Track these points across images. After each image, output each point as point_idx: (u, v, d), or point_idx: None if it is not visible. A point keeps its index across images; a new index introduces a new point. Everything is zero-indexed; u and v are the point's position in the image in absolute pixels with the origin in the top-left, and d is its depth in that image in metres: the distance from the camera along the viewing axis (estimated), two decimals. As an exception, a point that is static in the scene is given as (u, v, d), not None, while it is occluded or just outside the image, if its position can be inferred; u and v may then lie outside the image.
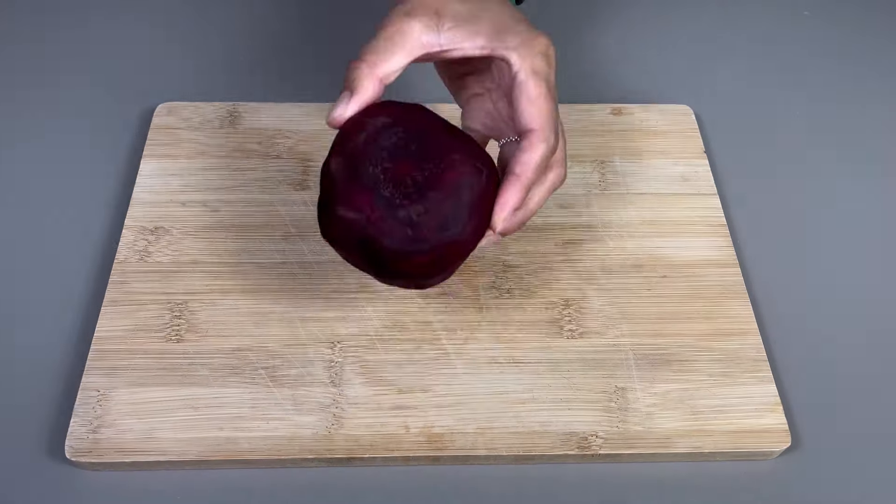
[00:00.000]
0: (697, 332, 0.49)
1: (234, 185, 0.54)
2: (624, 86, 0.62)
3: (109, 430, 0.44)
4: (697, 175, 0.56)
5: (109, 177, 0.55)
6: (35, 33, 0.64)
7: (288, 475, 0.44)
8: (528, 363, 0.47)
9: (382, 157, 0.39)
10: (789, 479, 0.45)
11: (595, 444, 0.44)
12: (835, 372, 0.49)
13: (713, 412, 0.46)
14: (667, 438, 0.45)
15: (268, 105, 0.58)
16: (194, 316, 0.48)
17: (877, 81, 0.65)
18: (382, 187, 0.38)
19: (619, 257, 0.52)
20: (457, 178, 0.39)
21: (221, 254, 0.51)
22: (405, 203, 0.38)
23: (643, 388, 0.46)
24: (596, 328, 0.49)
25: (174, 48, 0.64)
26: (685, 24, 0.68)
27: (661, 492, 0.44)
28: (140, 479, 0.44)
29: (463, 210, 0.39)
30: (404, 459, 0.44)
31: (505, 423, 0.45)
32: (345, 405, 0.45)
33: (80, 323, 0.49)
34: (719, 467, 0.45)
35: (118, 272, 0.50)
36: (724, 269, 0.52)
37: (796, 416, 0.47)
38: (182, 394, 0.45)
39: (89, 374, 0.46)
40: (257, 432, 0.44)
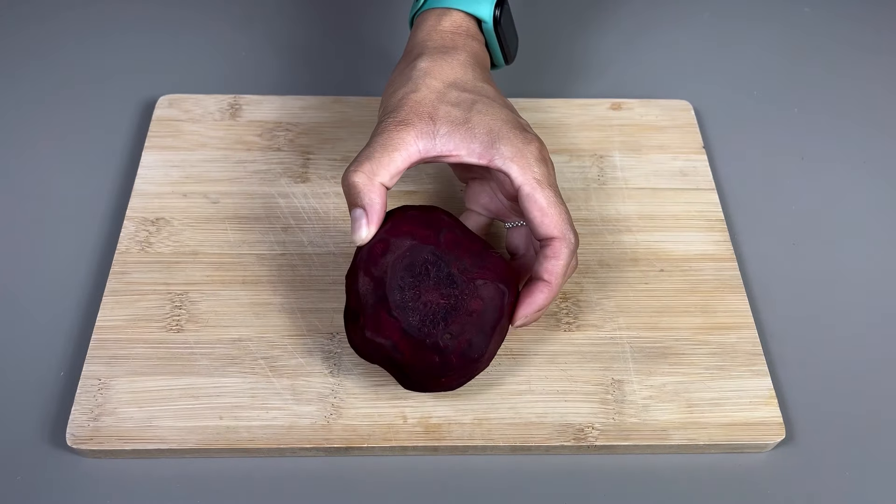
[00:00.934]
0: (694, 326, 0.49)
1: (234, 176, 0.54)
2: (624, 81, 0.63)
3: (110, 419, 0.44)
4: (696, 170, 0.56)
5: (111, 168, 0.56)
6: (37, 26, 0.64)
7: (287, 464, 0.44)
8: (526, 355, 0.47)
9: (407, 282, 0.41)
10: (783, 472, 0.45)
11: (591, 435, 0.45)
12: (830, 366, 0.49)
13: (708, 405, 0.46)
14: (662, 431, 0.45)
15: (269, 98, 0.59)
16: (195, 306, 0.48)
17: (876, 77, 0.65)
18: (411, 315, 0.41)
19: (616, 251, 0.52)
20: (480, 303, 0.41)
21: (222, 245, 0.51)
22: (433, 332, 0.41)
23: (639, 381, 0.47)
24: (593, 321, 0.49)
25: (176, 41, 0.64)
26: (685, 19, 0.68)
27: (656, 483, 0.45)
28: (140, 467, 0.44)
29: (486, 332, 0.42)
30: (402, 449, 0.44)
31: (502, 414, 0.45)
32: (343, 395, 0.45)
33: (82, 312, 0.49)
34: (714, 459, 0.46)
35: (119, 262, 0.50)
36: (721, 263, 0.52)
37: (791, 409, 0.47)
38: (182, 383, 0.45)
39: (90, 362, 0.46)
40: (256, 421, 0.44)
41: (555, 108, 0.59)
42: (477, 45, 0.47)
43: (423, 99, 0.43)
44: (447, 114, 0.42)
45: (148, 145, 0.56)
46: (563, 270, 0.42)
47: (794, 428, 0.47)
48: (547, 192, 0.43)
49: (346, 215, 0.53)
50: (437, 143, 0.42)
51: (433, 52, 0.45)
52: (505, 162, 0.42)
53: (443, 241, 0.42)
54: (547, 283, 0.42)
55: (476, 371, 0.43)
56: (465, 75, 0.45)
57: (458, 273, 0.42)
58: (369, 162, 0.41)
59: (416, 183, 0.55)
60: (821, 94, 0.63)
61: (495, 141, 0.42)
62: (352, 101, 0.59)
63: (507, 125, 0.43)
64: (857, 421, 0.47)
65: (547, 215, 0.42)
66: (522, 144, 0.43)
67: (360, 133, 0.57)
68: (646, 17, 0.68)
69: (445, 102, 0.43)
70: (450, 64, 0.45)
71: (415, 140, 0.42)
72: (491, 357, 0.43)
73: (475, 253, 0.42)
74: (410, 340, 0.41)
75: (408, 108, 0.43)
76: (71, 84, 0.61)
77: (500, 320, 0.42)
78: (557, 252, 0.42)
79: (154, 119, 0.57)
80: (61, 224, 0.53)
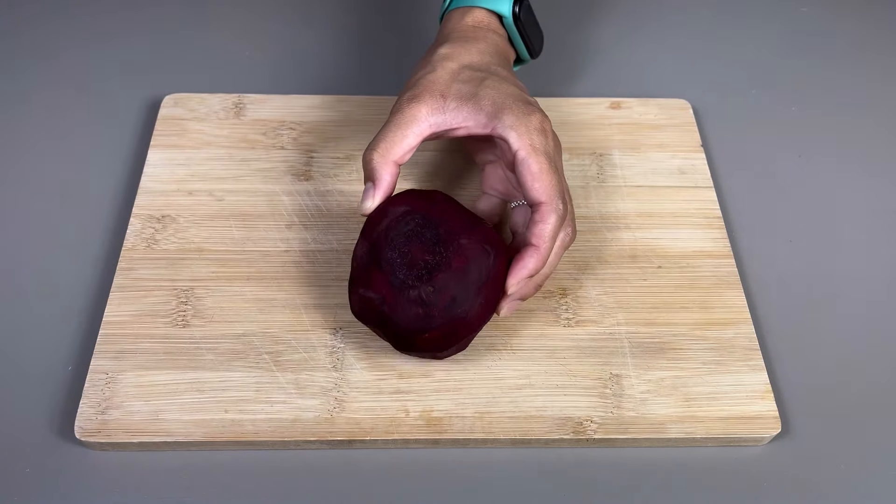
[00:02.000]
0: (691, 322, 0.50)
1: (238, 174, 0.55)
2: (623, 80, 0.63)
3: (117, 412, 0.45)
4: (694, 168, 0.57)
5: (117, 166, 0.57)
6: (44, 25, 0.65)
7: (291, 456, 0.45)
8: (526, 350, 0.48)
9: (399, 243, 0.44)
10: (779, 464, 0.46)
11: (590, 428, 0.45)
12: (825, 361, 0.50)
13: (705, 399, 0.47)
14: (660, 424, 0.46)
15: (272, 97, 0.60)
16: (200, 302, 0.49)
17: (874, 76, 0.65)
18: (398, 270, 0.43)
19: (615, 248, 0.53)
20: (464, 260, 0.43)
21: (226, 242, 0.52)
22: (417, 284, 0.43)
23: (637, 376, 0.47)
24: (592, 317, 0.50)
25: (181, 41, 0.65)
26: (684, 18, 0.69)
27: (653, 475, 0.45)
28: (147, 459, 0.45)
29: (470, 289, 0.43)
30: (404, 442, 0.45)
31: (502, 408, 0.46)
32: (346, 389, 0.46)
33: (89, 308, 0.50)
34: (711, 452, 0.46)
35: (126, 259, 0.51)
36: (718, 260, 0.53)
37: (786, 403, 0.48)
38: (188, 377, 0.46)
39: (98, 357, 0.47)
40: (261, 415, 0.45)
41: (555, 106, 0.59)
42: (498, 38, 0.50)
43: (438, 78, 0.46)
44: (458, 90, 0.45)
45: (154, 144, 0.56)
46: (550, 234, 0.44)
47: (789, 421, 0.47)
48: (540, 159, 0.44)
49: (348, 213, 0.54)
50: (446, 117, 0.45)
51: (454, 41, 0.49)
52: (505, 129, 0.44)
53: (436, 209, 0.44)
54: (535, 248, 0.44)
55: (462, 332, 0.44)
56: (482, 59, 0.48)
57: (444, 234, 0.44)
58: (384, 141, 0.45)
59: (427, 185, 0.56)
60: (819, 93, 0.64)
61: (499, 111, 0.45)
62: (355, 101, 0.60)
63: (511, 98, 0.45)
64: (851, 415, 0.48)
65: (538, 180, 0.44)
66: (524, 115, 0.45)
67: (362, 132, 0.58)
68: (645, 16, 0.69)
69: (458, 81, 0.46)
70: (468, 50, 0.48)
71: (426, 115, 0.45)
72: (479, 321, 0.44)
73: (465, 221, 0.44)
74: (395, 293, 0.43)
75: (422, 86, 0.46)
76: (77, 83, 0.61)
77: (486, 282, 0.43)
78: (544, 216, 0.44)
79: (160, 118, 0.58)
80: (68, 222, 0.54)
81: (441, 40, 0.50)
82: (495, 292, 0.44)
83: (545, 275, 0.46)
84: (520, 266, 0.44)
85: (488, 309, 0.44)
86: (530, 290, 0.46)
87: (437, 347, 0.44)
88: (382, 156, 0.45)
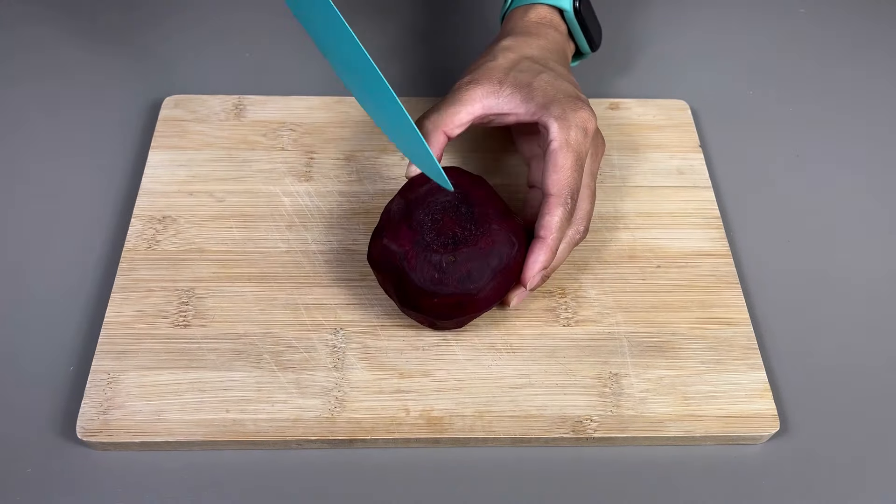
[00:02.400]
0: (690, 321, 0.50)
1: (239, 175, 0.55)
2: (621, 81, 0.64)
3: (119, 412, 0.45)
4: (693, 168, 0.57)
5: (118, 167, 0.57)
6: (46, 26, 0.65)
7: (292, 456, 0.46)
8: (525, 350, 0.48)
9: (434, 210, 0.45)
10: (777, 463, 0.46)
11: (589, 427, 0.46)
12: (823, 360, 0.50)
13: (704, 398, 0.47)
14: (659, 423, 0.46)
15: (273, 98, 0.60)
16: (201, 302, 0.49)
17: (871, 75, 0.66)
18: (426, 233, 0.45)
19: (614, 248, 0.53)
20: (490, 243, 0.45)
21: (227, 242, 0.52)
22: (440, 250, 0.44)
23: (637, 375, 0.48)
24: (591, 316, 0.50)
25: (181, 43, 0.65)
26: (683, 20, 0.69)
27: (653, 474, 0.46)
28: (148, 459, 0.45)
29: (486, 271, 0.44)
30: (405, 441, 0.45)
31: (502, 407, 0.46)
32: (347, 389, 0.46)
33: (91, 309, 0.50)
34: (709, 451, 0.47)
35: (127, 260, 0.51)
36: (717, 259, 0.53)
37: (785, 402, 0.48)
38: (189, 377, 0.46)
39: (99, 357, 0.47)
40: (262, 414, 0.45)
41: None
42: (559, 35, 0.53)
43: (498, 66, 0.48)
44: (514, 78, 0.47)
45: (154, 145, 0.57)
46: (556, 225, 0.45)
47: (787, 420, 0.48)
48: (568, 155, 0.45)
49: (348, 213, 0.54)
50: (500, 101, 0.47)
51: (517, 35, 0.51)
52: (550, 119, 0.46)
53: (478, 192, 0.46)
54: (542, 239, 0.45)
55: (468, 308, 0.45)
56: (541, 54, 0.50)
57: (478, 215, 0.45)
58: (436, 113, 0.47)
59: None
60: (816, 93, 0.64)
61: (549, 102, 0.46)
62: (354, 102, 0.60)
63: (562, 92, 0.47)
64: (849, 413, 0.48)
65: (556, 173, 0.45)
66: (571, 109, 0.46)
67: (362, 133, 0.58)
68: (642, 17, 0.69)
69: (516, 70, 0.48)
70: (529, 44, 0.50)
71: (481, 97, 0.47)
72: (485, 303, 0.45)
73: (501, 211, 0.46)
74: (417, 252, 0.44)
75: (481, 71, 0.48)
76: (78, 86, 0.62)
77: (503, 269, 0.45)
78: (551, 209, 0.45)
79: (160, 119, 0.58)
80: (69, 223, 0.54)
81: (503, 35, 0.52)
82: (507, 282, 0.46)
83: (554, 267, 0.47)
84: (532, 259, 0.45)
85: (497, 294, 0.45)
86: (539, 283, 0.47)
87: (439, 315, 0.45)
88: (434, 123, 0.47)
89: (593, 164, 0.48)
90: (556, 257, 0.47)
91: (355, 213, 0.54)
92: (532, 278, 0.46)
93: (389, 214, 0.47)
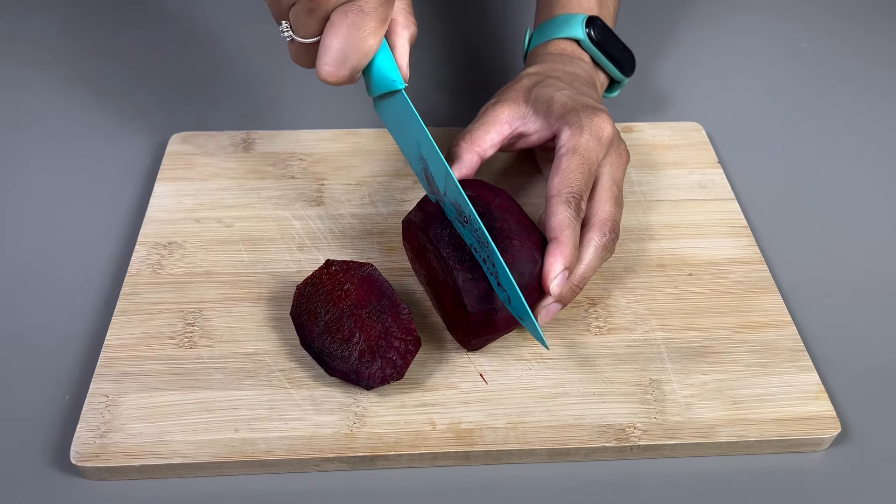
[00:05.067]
0: (729, 326, 0.47)
1: (248, 202, 0.54)
2: (632, 106, 0.63)
3: (117, 435, 0.41)
4: (714, 182, 0.56)
5: (123, 200, 0.55)
6: (58, 67, 0.65)
7: (309, 480, 0.41)
8: (557, 359, 0.45)
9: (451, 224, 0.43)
10: (841, 473, 0.42)
11: (633, 435, 0.42)
12: (875, 365, 0.47)
13: (755, 401, 0.43)
14: (709, 428, 0.42)
15: (281, 132, 0.59)
16: (208, 323, 0.46)
17: (873, 105, 0.66)
18: (443, 248, 0.42)
19: (642, 258, 0.51)
20: (511, 260, 0.42)
21: (236, 265, 0.50)
22: (457, 267, 0.42)
23: (679, 380, 0.44)
24: (624, 324, 0.47)
25: (190, 83, 0.65)
26: (690, 48, 0.70)
27: (707, 489, 0.41)
28: (149, 489, 0.41)
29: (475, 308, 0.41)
30: (431, 457, 0.41)
31: (537, 418, 0.42)
32: (367, 404, 0.43)
33: (90, 335, 0.47)
34: (767, 460, 0.42)
35: (129, 284, 0.48)
36: (750, 265, 0.50)
37: (843, 406, 0.44)
38: (195, 397, 0.43)
39: (98, 380, 0.43)
40: (274, 433, 0.41)
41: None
42: (584, 63, 0.53)
43: (522, 86, 0.50)
44: (537, 94, 0.48)
45: (160, 177, 0.55)
46: (563, 223, 0.43)
47: (847, 426, 0.44)
48: (573, 159, 0.44)
49: (362, 234, 0.52)
50: (525, 119, 0.48)
51: (541, 63, 0.53)
52: (563, 126, 0.46)
53: (499, 205, 0.44)
54: (554, 240, 0.43)
55: (484, 330, 0.42)
56: (566, 77, 0.51)
57: (499, 229, 0.43)
58: (469, 135, 0.48)
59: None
60: (832, 117, 0.64)
61: (567, 113, 0.46)
62: (365, 133, 0.59)
63: (581, 104, 0.47)
64: (914, 415, 0.44)
65: (558, 175, 0.44)
66: (587, 117, 0.46)
67: (374, 160, 0.57)
68: (654, 45, 0.70)
69: (539, 86, 0.49)
70: (554, 69, 0.51)
71: (508, 117, 0.48)
72: (506, 324, 0.43)
73: (523, 224, 0.43)
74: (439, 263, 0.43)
75: (507, 94, 0.50)
76: (89, 125, 0.61)
77: (525, 288, 0.41)
78: (553, 209, 0.43)
79: (167, 153, 0.57)
80: (70, 254, 0.51)
81: (528, 65, 0.54)
82: (529, 301, 0.42)
83: (583, 275, 0.44)
84: (549, 263, 0.42)
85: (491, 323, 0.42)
86: (568, 293, 0.43)
87: (459, 338, 0.44)
88: (468, 143, 0.48)
89: (615, 171, 0.46)
90: (586, 265, 0.44)
91: (369, 234, 0.52)
92: (554, 283, 0.42)
93: (409, 221, 0.45)
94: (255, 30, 0.69)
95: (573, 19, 0.53)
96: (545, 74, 0.51)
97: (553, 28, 0.54)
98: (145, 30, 0.70)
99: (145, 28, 0.70)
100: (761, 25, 0.73)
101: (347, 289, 0.43)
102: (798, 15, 0.74)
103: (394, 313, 0.43)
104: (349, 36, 0.38)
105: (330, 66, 0.39)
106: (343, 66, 0.39)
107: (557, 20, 0.54)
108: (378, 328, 0.42)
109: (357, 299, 0.43)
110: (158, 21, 0.71)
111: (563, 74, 0.51)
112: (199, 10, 0.72)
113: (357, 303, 0.43)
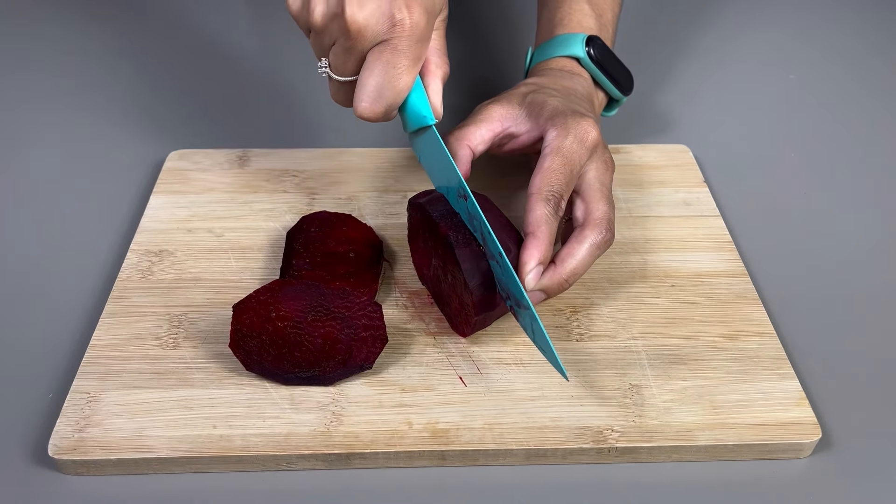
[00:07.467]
0: (711, 335, 0.47)
1: (240, 214, 0.55)
2: (618, 129, 0.64)
3: (96, 430, 0.41)
4: (699, 200, 0.57)
5: (119, 212, 0.56)
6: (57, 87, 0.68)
7: (285, 478, 0.41)
8: (536, 363, 0.45)
9: (434, 216, 0.45)
10: (822, 480, 0.41)
11: (611, 437, 0.41)
12: (859, 373, 0.46)
13: (735, 406, 0.43)
14: (687, 431, 0.42)
15: (276, 150, 0.60)
16: (193, 325, 0.47)
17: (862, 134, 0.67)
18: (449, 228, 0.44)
19: (625, 270, 0.51)
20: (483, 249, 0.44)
21: (224, 272, 0.51)
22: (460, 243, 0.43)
23: (659, 386, 0.44)
24: (605, 332, 0.47)
25: (186, 104, 0.67)
26: (676, 74, 0.71)
27: (686, 495, 0.41)
28: (126, 485, 0.41)
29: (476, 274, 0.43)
30: (407, 457, 0.41)
31: (514, 419, 0.42)
32: (345, 403, 0.43)
33: (77, 337, 0.48)
34: (748, 467, 0.42)
35: (119, 288, 0.49)
36: (733, 278, 0.51)
37: (826, 415, 0.44)
38: (175, 395, 0.43)
39: (81, 378, 0.44)
40: (252, 430, 0.41)
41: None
42: (584, 80, 0.54)
43: (517, 91, 0.51)
44: (531, 98, 0.49)
45: (156, 191, 0.56)
46: (539, 219, 0.43)
47: (830, 436, 0.43)
48: (555, 159, 0.45)
49: (350, 245, 0.53)
50: (516, 120, 0.49)
51: (540, 76, 0.54)
52: (549, 128, 0.47)
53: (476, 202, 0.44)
54: (530, 234, 0.43)
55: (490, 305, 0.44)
56: (563, 91, 0.51)
57: None
58: (460, 130, 0.49)
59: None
60: (820, 141, 0.65)
61: (554, 117, 0.47)
62: (358, 152, 0.60)
63: (570, 110, 0.48)
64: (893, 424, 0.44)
65: (540, 174, 0.45)
66: (574, 121, 0.47)
67: (366, 177, 0.58)
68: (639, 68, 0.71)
69: (533, 92, 0.50)
70: (552, 80, 0.53)
71: (500, 116, 0.49)
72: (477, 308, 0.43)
73: (500, 223, 0.45)
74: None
75: (503, 95, 0.51)
76: (85, 143, 0.63)
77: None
78: (531, 206, 0.44)
79: (164, 169, 0.58)
80: (63, 262, 0.53)
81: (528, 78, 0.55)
82: None
83: (573, 271, 0.44)
84: (524, 256, 0.43)
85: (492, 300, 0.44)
86: (555, 286, 0.44)
87: (459, 322, 0.46)
88: (458, 138, 0.49)
89: (601, 175, 0.47)
90: (579, 261, 0.44)
91: (357, 244, 0.52)
92: (529, 276, 0.42)
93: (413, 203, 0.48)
94: (258, 49, 0.72)
95: (574, 38, 0.55)
96: (543, 85, 0.52)
97: (554, 47, 0.55)
98: (154, 55, 0.72)
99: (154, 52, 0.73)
100: (753, 69, 0.75)
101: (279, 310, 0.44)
102: (788, 52, 0.76)
103: (333, 297, 0.44)
104: (384, 74, 0.40)
105: (366, 102, 0.41)
106: (378, 103, 0.41)
107: (558, 39, 0.55)
108: (334, 324, 0.43)
109: (293, 313, 0.44)
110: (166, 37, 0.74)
111: (562, 88, 0.52)
112: (210, 40, 0.75)
113: (296, 317, 0.44)
